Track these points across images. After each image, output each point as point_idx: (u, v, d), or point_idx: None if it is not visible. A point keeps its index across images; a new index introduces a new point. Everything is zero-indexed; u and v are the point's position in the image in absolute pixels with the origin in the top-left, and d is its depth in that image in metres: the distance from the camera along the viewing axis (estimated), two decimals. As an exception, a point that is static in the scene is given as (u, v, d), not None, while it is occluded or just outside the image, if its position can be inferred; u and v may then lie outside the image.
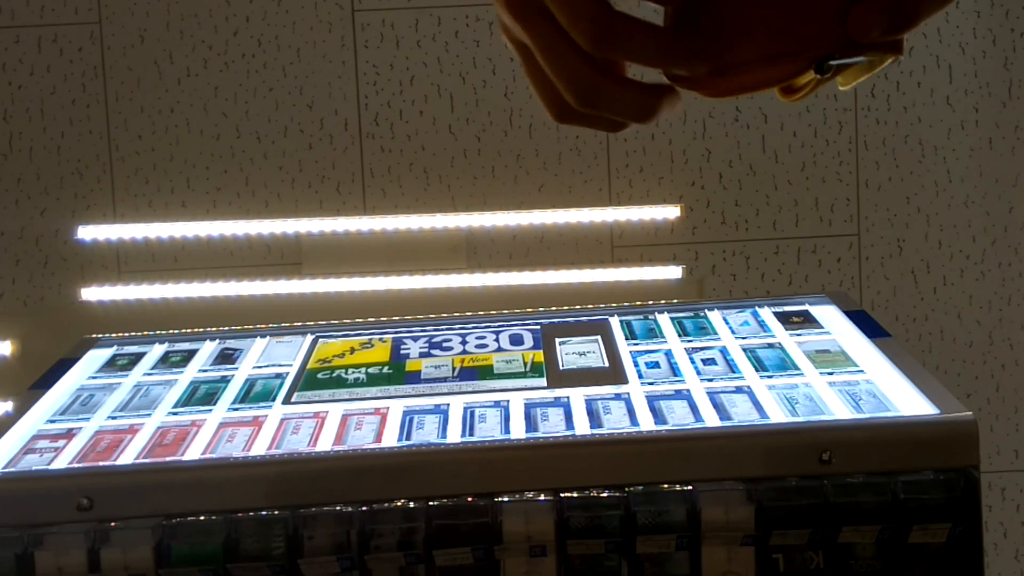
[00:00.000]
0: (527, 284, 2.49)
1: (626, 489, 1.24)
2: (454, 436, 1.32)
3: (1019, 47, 2.62)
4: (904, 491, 1.23)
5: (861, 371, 1.44)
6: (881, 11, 0.52)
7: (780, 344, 1.55)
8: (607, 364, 1.52)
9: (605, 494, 1.23)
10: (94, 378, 1.61)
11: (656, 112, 0.55)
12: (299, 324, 1.78)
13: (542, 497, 1.24)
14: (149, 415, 1.45)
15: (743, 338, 1.58)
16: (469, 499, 1.24)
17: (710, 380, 1.43)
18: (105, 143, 2.53)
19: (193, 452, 1.33)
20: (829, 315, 1.65)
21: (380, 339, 1.68)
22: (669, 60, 0.54)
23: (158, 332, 1.77)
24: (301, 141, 2.55)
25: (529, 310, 1.78)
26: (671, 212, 2.55)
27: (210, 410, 1.45)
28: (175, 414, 1.45)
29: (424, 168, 2.56)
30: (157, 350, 1.70)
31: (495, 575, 1.23)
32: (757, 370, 1.45)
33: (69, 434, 1.40)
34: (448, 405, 1.41)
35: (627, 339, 1.61)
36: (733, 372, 1.46)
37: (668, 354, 1.54)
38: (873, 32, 0.52)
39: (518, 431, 1.33)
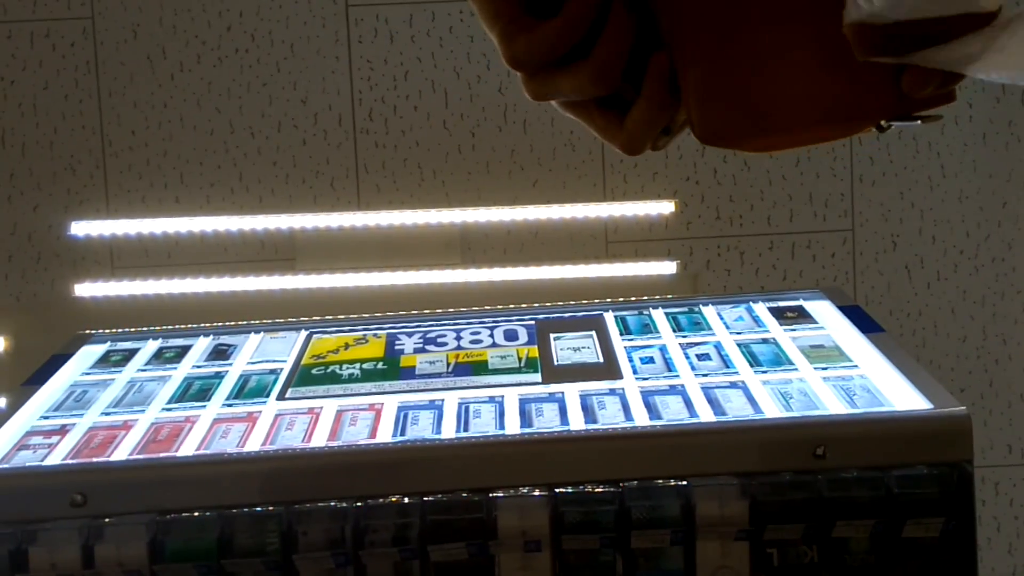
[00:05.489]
0: (521, 280, 2.49)
1: (621, 484, 1.24)
2: (448, 432, 1.32)
3: (1013, 42, 2.61)
4: (898, 486, 1.23)
5: (855, 366, 1.44)
6: (933, 70, 0.52)
7: (774, 339, 1.55)
8: (601, 359, 1.52)
9: (600, 489, 1.24)
10: (87, 374, 1.60)
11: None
12: (293, 320, 1.77)
13: (537, 492, 1.24)
14: (143, 411, 1.44)
15: (737, 333, 1.58)
16: (464, 495, 1.24)
17: (704, 375, 1.44)
18: (98, 138, 2.53)
19: (187, 448, 1.33)
20: (823, 310, 1.65)
21: (374, 335, 1.68)
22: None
23: (152, 328, 1.77)
24: (295, 136, 2.55)
25: (523, 305, 1.78)
26: (665, 207, 2.55)
27: (204, 406, 1.45)
28: (169, 410, 1.45)
29: (418, 163, 2.55)
30: (151, 346, 1.69)
31: (490, 571, 1.23)
32: (751, 365, 1.46)
33: (63, 430, 1.40)
34: (442, 401, 1.41)
35: (622, 334, 1.61)
36: (727, 367, 1.46)
37: (663, 349, 1.54)
38: (928, 88, 0.53)
39: (512, 426, 1.33)
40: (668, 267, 2.55)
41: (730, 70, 0.55)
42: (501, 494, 1.23)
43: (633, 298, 1.79)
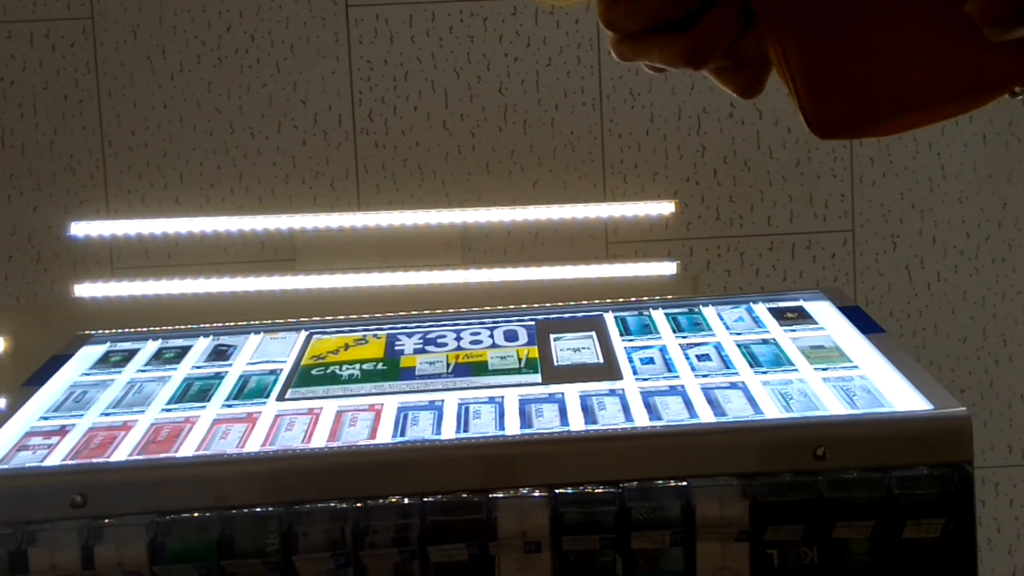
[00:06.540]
0: (521, 280, 2.49)
1: (621, 485, 1.24)
2: (448, 432, 1.32)
3: (1013, 43, 2.61)
4: (898, 486, 1.23)
5: (855, 367, 1.44)
6: None
7: (774, 340, 1.55)
8: (602, 360, 1.52)
9: (600, 490, 1.23)
10: (87, 375, 1.60)
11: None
12: (293, 320, 1.77)
13: (537, 493, 1.23)
14: (143, 412, 1.44)
15: (738, 334, 1.58)
16: (464, 495, 1.24)
17: (705, 376, 1.43)
18: (98, 139, 2.52)
19: (187, 449, 1.33)
20: (823, 311, 1.65)
21: (374, 335, 1.68)
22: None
23: (151, 328, 1.77)
24: (295, 137, 2.55)
25: (523, 306, 1.78)
26: (666, 208, 2.55)
27: (204, 407, 1.45)
28: (169, 411, 1.44)
29: (418, 164, 2.55)
30: (151, 347, 1.69)
31: (490, 571, 1.23)
32: (751, 366, 1.46)
33: (62, 431, 1.40)
34: (442, 401, 1.41)
35: (622, 335, 1.61)
36: (728, 368, 1.46)
37: (663, 350, 1.54)
38: None
39: (512, 427, 1.32)
40: (668, 268, 2.55)
41: (844, 60, 0.54)
42: (501, 495, 1.23)
43: (633, 299, 1.79)
